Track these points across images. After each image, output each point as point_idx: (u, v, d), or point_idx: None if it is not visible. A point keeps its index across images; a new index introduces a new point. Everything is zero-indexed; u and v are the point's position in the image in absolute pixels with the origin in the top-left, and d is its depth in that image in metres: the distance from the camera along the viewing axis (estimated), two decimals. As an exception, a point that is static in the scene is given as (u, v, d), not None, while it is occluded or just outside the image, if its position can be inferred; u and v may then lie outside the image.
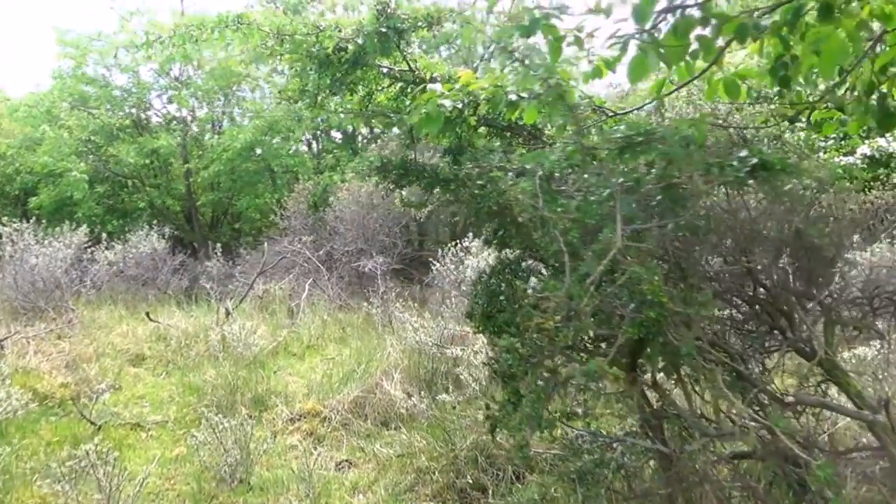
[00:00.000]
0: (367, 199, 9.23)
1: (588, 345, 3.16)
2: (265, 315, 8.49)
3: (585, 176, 2.44)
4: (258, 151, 12.95)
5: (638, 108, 3.10)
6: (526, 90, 3.16)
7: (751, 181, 2.49)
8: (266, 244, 9.20)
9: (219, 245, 11.01)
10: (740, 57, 4.78)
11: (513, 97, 3.19)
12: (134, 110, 14.71)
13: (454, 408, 5.31)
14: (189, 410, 5.86)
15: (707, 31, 2.38)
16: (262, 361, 6.69)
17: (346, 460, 5.02)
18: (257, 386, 6.01)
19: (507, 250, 3.94)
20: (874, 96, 2.65)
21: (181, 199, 14.43)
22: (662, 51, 2.44)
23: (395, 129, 4.07)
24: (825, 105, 3.38)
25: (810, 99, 3.54)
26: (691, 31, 2.33)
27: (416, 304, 7.69)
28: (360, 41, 3.34)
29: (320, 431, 5.42)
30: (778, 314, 3.66)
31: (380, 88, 3.99)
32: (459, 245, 8.56)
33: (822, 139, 5.12)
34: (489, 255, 7.67)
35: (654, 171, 2.46)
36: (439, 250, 8.55)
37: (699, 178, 2.18)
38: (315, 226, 10.50)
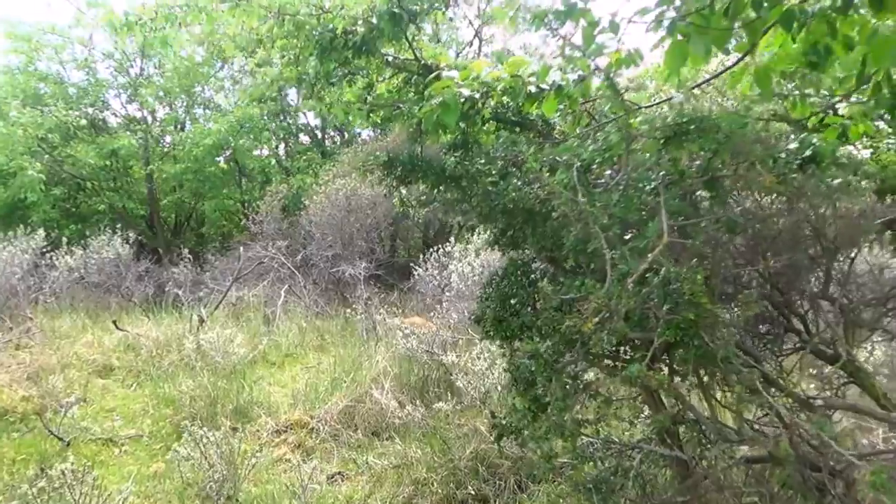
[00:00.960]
0: (344, 202, 8.97)
1: (606, 349, 3.01)
2: (240, 323, 8.15)
3: (628, 168, 2.29)
4: (227, 152, 12.53)
5: (665, 101, 2.97)
6: (545, 81, 3.02)
7: (796, 175, 2.37)
8: (241, 249, 8.85)
9: (186, 250, 10.60)
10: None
11: (532, 88, 3.04)
12: (90, 109, 14.09)
13: (447, 416, 5.12)
14: (165, 423, 5.53)
15: (756, 15, 2.26)
16: (240, 371, 6.37)
17: (339, 473, 4.78)
18: (238, 397, 5.71)
19: (518, 251, 3.79)
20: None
21: (143, 203, 13.89)
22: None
23: (397, 125, 3.90)
24: (834, 106, 3.32)
25: (816, 101, 3.48)
26: (743, 12, 2.20)
27: (401, 311, 7.47)
28: (373, 21, 3.12)
29: (309, 443, 5.16)
30: (793, 315, 3.59)
31: (380, 79, 3.79)
32: (441, 250, 8.38)
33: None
34: (475, 259, 7.52)
35: (696, 163, 2.33)
36: (421, 255, 8.36)
37: (761, 170, 2.05)
38: (289, 230, 10.18)
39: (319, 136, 15.08)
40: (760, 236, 3.32)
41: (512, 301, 3.44)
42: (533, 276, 3.35)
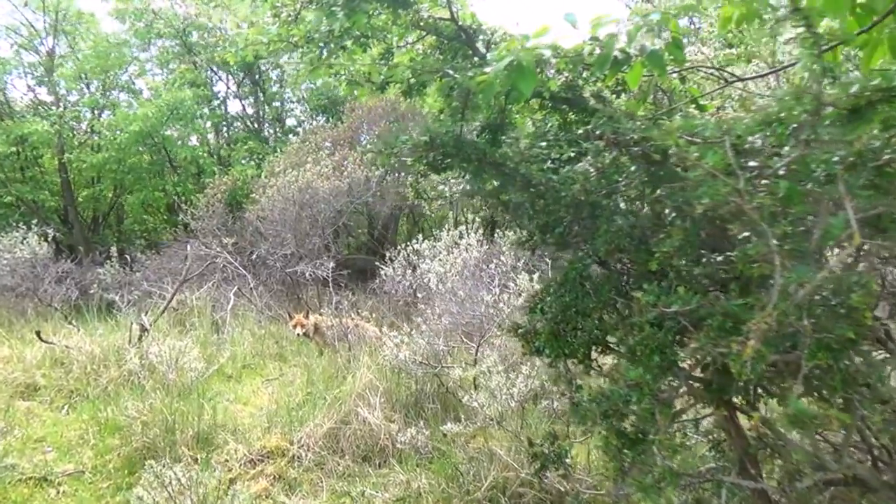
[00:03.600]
0: (298, 196, 8.16)
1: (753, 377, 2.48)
2: (186, 330, 7.23)
3: (803, 146, 1.77)
4: (155, 140, 11.36)
5: (783, 68, 2.48)
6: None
7: None
8: (189, 247, 7.88)
9: (113, 248, 9.50)
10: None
11: (617, 54, 2.49)
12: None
13: (452, 439, 4.52)
14: (112, 456, 4.66)
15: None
16: (195, 388, 5.53)
17: (332, 510, 4.10)
18: (199, 420, 4.89)
19: (569, 251, 3.24)
20: None
21: (56, 195, 12.47)
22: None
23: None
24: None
25: None
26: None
27: (372, 315, 6.78)
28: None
29: (291, 474, 4.44)
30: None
31: (401, 45, 3.14)
32: (411, 248, 7.75)
33: None
34: (454, 257, 6.94)
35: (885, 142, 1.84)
36: (387, 253, 7.69)
37: None
38: (234, 226, 9.24)
39: (255, 125, 14.06)
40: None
41: (574, 312, 2.88)
42: (612, 283, 2.79)
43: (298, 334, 6.61)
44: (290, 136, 13.24)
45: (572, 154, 2.85)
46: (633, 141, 2.21)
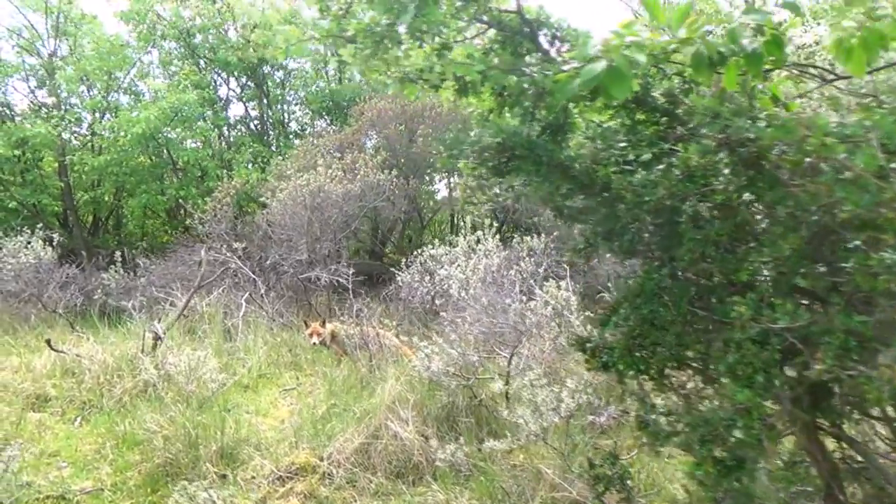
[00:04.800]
0: (310, 200, 7.94)
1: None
2: (197, 338, 7.00)
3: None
4: (158, 142, 11.11)
5: (885, 67, 2.31)
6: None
7: None
8: (203, 252, 7.62)
9: (118, 253, 9.25)
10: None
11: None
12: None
13: (490, 456, 4.32)
14: (133, 473, 4.43)
15: None
16: (215, 400, 5.30)
17: (372, 532, 3.89)
18: (221, 434, 4.66)
19: (641, 259, 3.05)
20: None
21: (57, 199, 12.17)
22: None
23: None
24: None
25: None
26: None
27: (393, 323, 6.58)
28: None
29: (322, 492, 4.22)
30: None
31: (458, 41, 2.95)
32: (426, 253, 7.55)
33: None
34: (476, 262, 6.75)
35: None
36: (403, 259, 7.49)
37: None
38: (243, 231, 9.00)
39: (259, 128, 13.82)
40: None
41: (651, 326, 2.69)
42: (691, 295, 2.60)
43: (315, 343, 6.39)
44: (294, 139, 13.01)
45: (650, 156, 2.67)
46: (745, 141, 2.02)
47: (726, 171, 2.36)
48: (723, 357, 2.27)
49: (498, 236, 8.08)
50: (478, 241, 7.56)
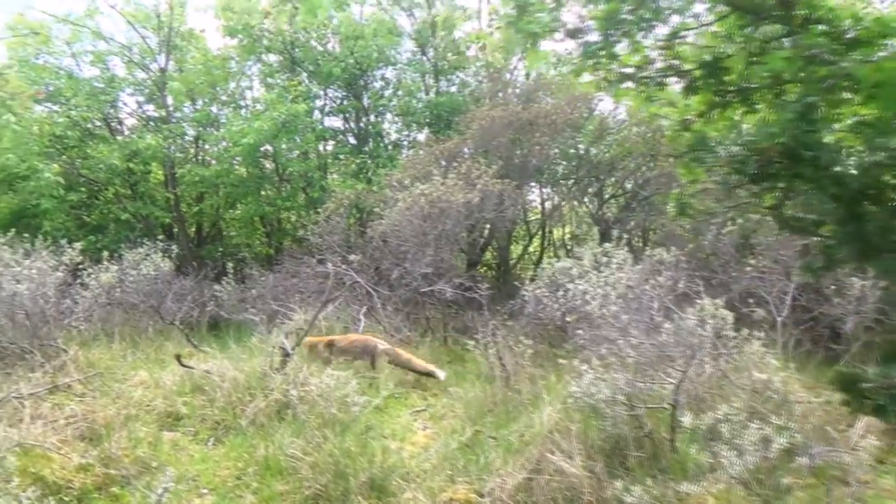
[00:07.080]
0: (428, 209, 7.61)
1: None
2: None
3: None
4: (266, 153, 11.14)
5: None
6: None
7: None
8: (329, 266, 7.40)
9: (229, 264, 9.22)
10: None
11: None
12: (108, 109, 12.61)
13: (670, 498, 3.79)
14: (280, 504, 4.14)
15: None
16: (355, 423, 4.99)
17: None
18: (369, 463, 4.33)
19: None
20: None
21: (166, 211, 12.38)
22: None
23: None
24: None
25: None
26: None
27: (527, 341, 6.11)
28: None
29: (488, 536, 3.81)
30: None
31: (689, 30, 2.49)
32: (551, 265, 7.09)
33: None
34: (616, 275, 6.25)
35: None
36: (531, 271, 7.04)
37: None
38: (358, 242, 8.79)
39: (358, 139, 13.70)
40: None
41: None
42: None
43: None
44: (398, 149, 12.81)
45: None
46: None
47: None
48: None
49: (627, 248, 7.55)
50: (605, 254, 7.05)
